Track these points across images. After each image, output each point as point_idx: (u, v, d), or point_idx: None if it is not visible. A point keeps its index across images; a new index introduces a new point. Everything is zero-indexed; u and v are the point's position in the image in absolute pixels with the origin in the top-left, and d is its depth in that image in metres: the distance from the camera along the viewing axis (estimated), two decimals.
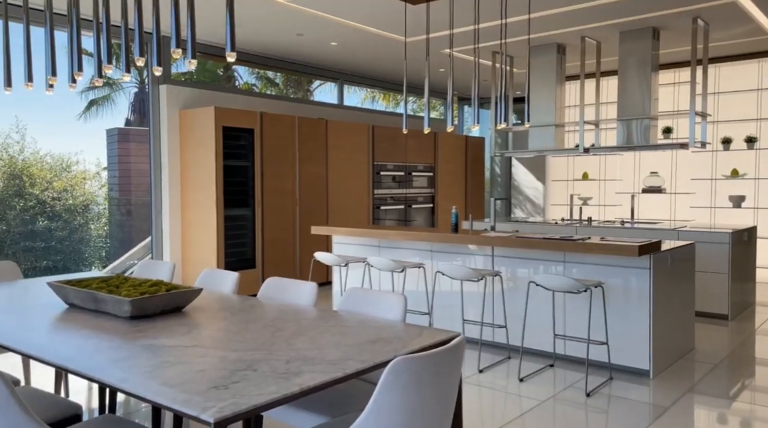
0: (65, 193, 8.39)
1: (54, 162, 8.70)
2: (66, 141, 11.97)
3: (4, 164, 8.10)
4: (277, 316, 2.53)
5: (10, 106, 11.69)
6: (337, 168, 7.10)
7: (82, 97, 13.10)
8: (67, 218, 8.31)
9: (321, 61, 7.40)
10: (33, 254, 7.82)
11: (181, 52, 2.23)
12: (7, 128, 8.36)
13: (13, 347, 2.10)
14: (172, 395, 1.58)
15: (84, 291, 2.57)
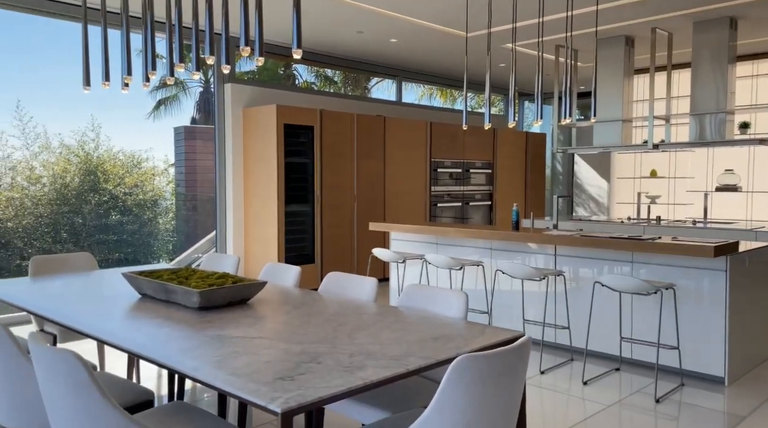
0: (136, 188, 8.80)
1: (126, 159, 9.14)
2: (136, 139, 12.53)
3: (81, 160, 8.57)
4: (339, 310, 2.55)
5: (86, 106, 12.36)
6: (394, 165, 7.11)
7: (151, 97, 13.70)
8: (137, 213, 8.72)
9: (380, 59, 7.42)
10: (106, 246, 8.25)
11: (249, 50, 2.28)
12: (83, 126, 8.84)
13: (92, 333, 2.21)
14: (241, 385, 1.62)
15: (156, 282, 2.68)
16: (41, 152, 8.53)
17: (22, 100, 8.69)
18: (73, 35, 11.29)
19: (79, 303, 2.74)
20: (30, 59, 11.02)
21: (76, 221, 8.11)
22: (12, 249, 7.56)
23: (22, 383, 2.01)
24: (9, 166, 8.26)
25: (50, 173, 8.41)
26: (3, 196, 7.80)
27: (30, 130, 8.38)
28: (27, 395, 2.02)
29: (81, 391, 1.66)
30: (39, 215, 7.91)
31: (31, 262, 3.61)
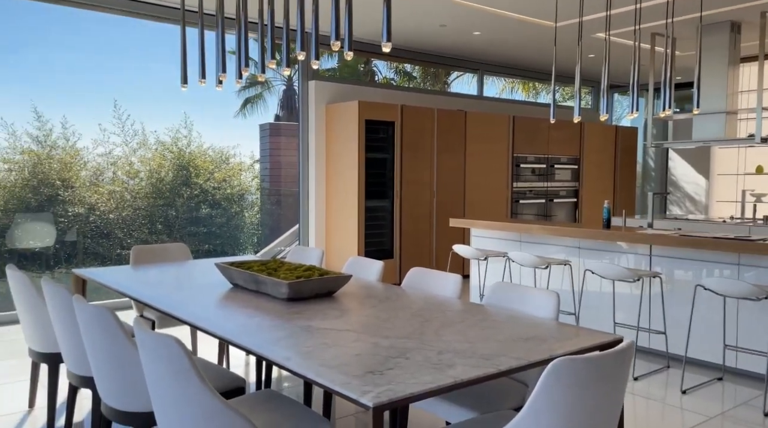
0: (224, 183, 9.20)
1: (215, 155, 9.57)
2: (225, 136, 13.13)
3: (174, 156, 9.07)
4: (424, 306, 2.52)
5: (180, 104, 13.06)
6: (475, 160, 6.98)
7: (238, 95, 14.29)
8: (225, 206, 9.12)
9: (461, 52, 7.31)
10: (197, 238, 8.69)
11: (339, 44, 2.29)
12: (177, 124, 9.35)
13: (189, 320, 2.31)
14: (332, 376, 1.62)
15: (246, 273, 2.77)
16: (139, 148, 9.11)
17: (120, 100, 9.31)
18: (164, 36, 11.96)
19: (176, 291, 2.88)
20: (128, 60, 11.80)
21: (169, 214, 8.60)
22: (113, 239, 8.12)
23: (128, 366, 2.13)
24: (110, 161, 8.87)
25: (147, 168, 8.96)
26: (105, 189, 8.39)
27: (128, 127, 8.96)
28: (132, 377, 2.14)
29: (181, 376, 1.73)
30: (137, 207, 8.45)
31: (132, 251, 3.84)
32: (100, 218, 8.05)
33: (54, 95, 10.42)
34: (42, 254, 7.49)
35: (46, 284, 2.59)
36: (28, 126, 8.34)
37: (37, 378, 3.08)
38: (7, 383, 3.47)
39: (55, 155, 8.30)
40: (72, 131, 8.61)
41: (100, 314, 2.15)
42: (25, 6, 11.30)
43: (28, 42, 10.64)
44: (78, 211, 7.90)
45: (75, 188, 8.11)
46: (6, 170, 8.18)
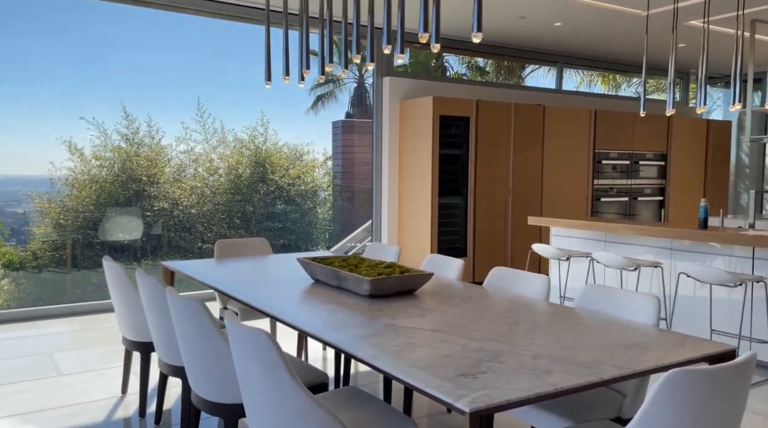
0: (298, 180, 9.39)
1: (289, 152, 9.79)
2: (298, 133, 13.42)
3: (251, 153, 9.34)
4: (510, 307, 2.43)
5: (257, 102, 13.45)
6: (553, 156, 6.74)
7: (311, 93, 14.55)
8: (299, 203, 9.31)
9: (540, 45, 7.06)
10: (272, 233, 8.92)
11: (427, 36, 2.24)
12: (254, 121, 9.63)
13: (275, 315, 2.33)
14: (423, 378, 1.57)
15: (328, 269, 2.77)
16: (218, 145, 9.45)
17: (201, 99, 9.69)
18: (241, 36, 12.33)
19: (260, 285, 2.93)
20: (208, 60, 12.27)
21: (247, 209, 8.87)
22: (194, 233, 8.47)
23: (217, 358, 2.18)
24: (192, 158, 9.26)
25: (226, 165, 9.28)
26: (187, 185, 8.76)
27: (209, 125, 9.32)
28: (221, 369, 2.18)
29: (271, 370, 1.74)
30: (216, 202, 8.78)
31: (216, 245, 3.96)
32: (183, 213, 8.42)
33: (140, 95, 10.98)
34: (130, 246, 7.92)
35: (140, 276, 2.69)
36: (117, 125, 8.83)
37: (130, 365, 3.23)
38: (102, 369, 3.66)
39: (141, 152, 8.75)
40: (156, 128, 9.05)
41: (191, 306, 2.20)
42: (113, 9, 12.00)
43: (117, 44, 11.27)
44: (162, 206, 8.30)
45: (160, 183, 8.51)
46: (98, 166, 8.71)
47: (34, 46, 10.35)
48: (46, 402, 3.11)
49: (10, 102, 9.88)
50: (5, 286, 7.22)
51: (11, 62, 10.38)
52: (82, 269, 7.53)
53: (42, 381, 3.40)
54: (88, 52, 10.57)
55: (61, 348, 4.05)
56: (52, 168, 8.27)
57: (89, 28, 10.76)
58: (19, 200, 9.10)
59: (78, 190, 8.32)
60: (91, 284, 7.33)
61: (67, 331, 4.55)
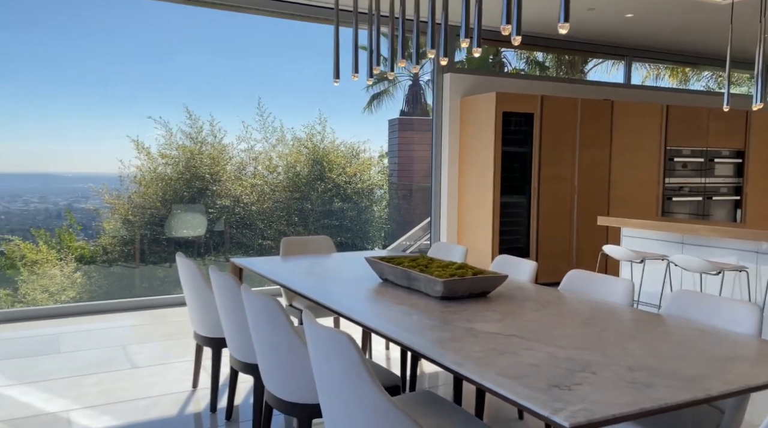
0: (355, 177, 9.41)
1: (346, 150, 9.83)
2: (354, 131, 13.47)
3: (309, 151, 9.43)
4: (592, 313, 2.30)
5: (315, 101, 13.58)
6: (621, 154, 6.46)
7: (367, 91, 14.59)
8: (356, 200, 9.33)
9: (608, 37, 6.79)
10: (329, 230, 8.98)
11: (510, 28, 2.14)
12: (312, 120, 9.72)
13: (347, 314, 2.30)
14: (514, 388, 1.49)
15: (399, 269, 2.72)
16: (277, 144, 9.60)
17: (262, 98, 9.85)
18: (303, 36, 12.46)
19: (328, 283, 2.91)
20: (269, 60, 12.47)
21: (305, 207, 8.96)
22: (254, 230, 8.64)
23: (293, 357, 2.16)
24: (252, 156, 9.43)
25: (285, 163, 9.41)
26: (248, 183, 8.93)
27: (269, 124, 9.47)
28: (296, 368, 2.16)
29: (351, 373, 1.70)
30: (276, 200, 8.91)
31: (282, 243, 3.98)
32: (244, 210, 8.59)
33: (203, 95, 11.29)
34: (194, 242, 8.15)
35: (213, 273, 2.72)
36: (181, 124, 9.10)
37: (200, 360, 3.28)
38: (172, 363, 3.74)
39: (204, 151, 8.98)
40: (218, 127, 9.27)
41: (267, 304, 2.19)
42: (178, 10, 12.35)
43: (181, 46, 11.63)
44: (225, 203, 8.49)
45: (222, 181, 8.72)
46: (163, 163, 9.00)
47: (105, 47, 10.80)
48: (121, 394, 3.20)
49: (84, 102, 10.35)
50: (78, 279, 7.57)
51: (85, 64, 10.88)
52: (149, 264, 7.81)
53: (117, 374, 3.50)
54: (156, 53, 10.94)
55: (133, 341, 4.18)
56: (121, 166, 8.61)
57: (156, 30, 11.13)
58: (87, 197, 9.53)
59: (145, 187, 8.62)
60: (158, 278, 7.58)
61: (137, 324, 4.70)
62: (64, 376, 3.42)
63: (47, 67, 10.56)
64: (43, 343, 4.07)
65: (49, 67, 10.56)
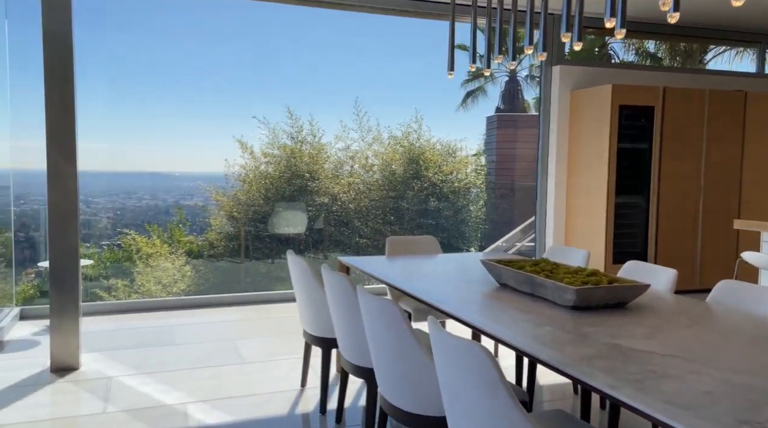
0: (451, 176, 9.21)
1: (442, 148, 9.65)
2: (449, 129, 13.27)
3: (405, 150, 9.35)
4: (757, 332, 1.98)
5: (410, 100, 13.52)
6: (756, 151, 5.80)
7: (461, 88, 14.32)
8: (452, 200, 9.12)
9: (740, 23, 6.12)
10: (425, 230, 8.84)
11: (614, 20, 1.90)
12: (408, 118, 9.64)
13: (469, 321, 2.13)
14: (691, 422, 1.26)
15: (521, 273, 2.52)
16: (373, 142, 9.60)
17: (360, 97, 9.89)
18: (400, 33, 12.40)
19: (439, 285, 2.76)
20: (366, 59, 12.55)
21: (401, 206, 8.88)
22: (351, 228, 8.68)
23: (413, 365, 2.03)
24: (349, 155, 9.50)
25: (380, 162, 9.39)
26: (345, 181, 9.00)
27: (365, 123, 9.50)
28: (416, 377, 2.03)
29: (487, 388, 1.53)
30: (372, 198, 8.91)
31: (387, 242, 3.88)
32: (341, 208, 8.65)
33: (303, 95, 11.55)
34: (294, 239, 8.32)
35: (326, 272, 2.65)
36: (283, 124, 9.33)
37: (309, 358, 3.25)
38: (280, 359, 3.75)
39: (304, 150, 9.15)
40: (317, 127, 9.41)
41: (385, 307, 2.08)
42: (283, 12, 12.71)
43: (284, 47, 11.96)
44: (323, 201, 8.60)
45: (320, 179, 8.84)
46: (266, 162, 9.27)
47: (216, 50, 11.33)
48: (231, 389, 3.24)
49: (194, 104, 10.92)
50: (188, 272, 7.95)
51: (197, 67, 11.46)
52: (252, 260, 8.06)
53: (227, 368, 3.56)
54: (261, 55, 11.34)
55: (241, 335, 4.25)
56: (226, 165, 8.96)
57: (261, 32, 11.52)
58: (192, 194, 10.02)
59: (248, 185, 8.93)
60: (260, 274, 7.80)
61: (244, 319, 4.80)
62: (180, 368, 3.52)
63: (159, 70, 11.25)
64: (159, 334, 4.24)
65: (161, 70, 11.23)
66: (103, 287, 7.47)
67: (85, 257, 6.18)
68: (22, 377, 3.29)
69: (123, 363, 3.57)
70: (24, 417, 2.81)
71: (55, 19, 3.30)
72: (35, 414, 2.85)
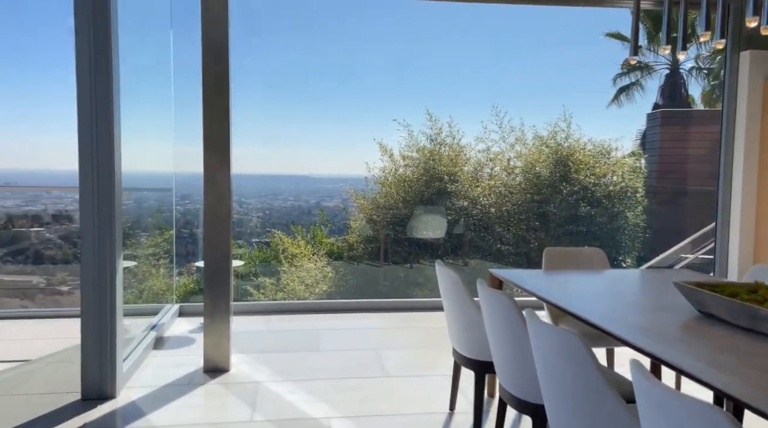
0: (604, 179, 8.41)
1: (594, 148, 8.86)
2: (601, 127, 12.25)
3: (551, 151, 8.71)
4: None
5: (558, 97, 12.73)
6: None
7: (614, 84, 13.18)
8: (606, 205, 8.32)
9: None
10: (573, 238, 8.14)
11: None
12: (555, 117, 8.98)
13: (672, 362, 1.69)
14: None
15: (736, 302, 2.00)
16: (516, 143, 9.08)
17: (500, 96, 9.43)
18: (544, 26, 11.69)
19: (616, 309, 2.32)
20: (507, 55, 12.01)
21: (547, 210, 8.28)
22: (492, 233, 8.26)
23: (607, 416, 1.65)
24: (489, 157, 9.09)
25: (523, 163, 8.85)
26: (485, 184, 8.60)
27: (506, 124, 9.02)
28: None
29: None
30: (514, 203, 8.41)
31: (544, 253, 3.47)
32: (482, 212, 8.27)
33: (443, 96, 11.34)
34: (432, 243, 8.10)
35: (484, 289, 2.34)
36: (422, 126, 9.17)
37: (458, 379, 2.96)
38: (425, 376, 3.51)
39: (443, 152, 8.91)
40: (457, 129, 9.13)
41: (567, 341, 1.72)
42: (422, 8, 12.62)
43: (425, 49, 11.84)
44: (462, 204, 8.28)
45: (459, 182, 8.53)
46: (404, 165, 9.18)
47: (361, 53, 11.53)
48: (377, 405, 3.05)
49: (335, 109, 11.21)
50: (329, 274, 8.08)
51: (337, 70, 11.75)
52: (390, 264, 7.98)
53: (371, 381, 3.39)
54: (400, 58, 11.33)
55: (384, 345, 4.08)
56: (367, 168, 9.00)
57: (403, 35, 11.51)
58: (331, 196, 10.24)
59: (387, 188, 8.89)
60: (398, 278, 7.69)
61: (386, 327, 4.64)
62: (324, 377, 3.42)
63: (300, 74, 11.68)
64: (303, 339, 4.22)
65: (302, 74, 11.63)
66: (252, 285, 7.83)
67: (237, 257, 6.50)
68: (178, 375, 3.39)
69: (270, 368, 3.55)
70: (176, 419, 2.84)
71: (214, 28, 3.36)
72: (186, 416, 2.88)
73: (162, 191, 5.08)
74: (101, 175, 2.93)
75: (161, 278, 5.11)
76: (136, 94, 3.75)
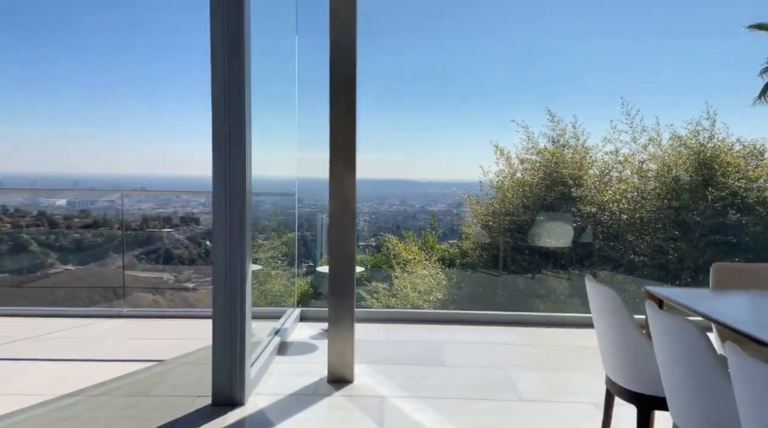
0: (758, 184, 7.40)
1: (743, 149, 7.86)
2: (750, 127, 10.94)
3: (692, 152, 7.83)
4: None
5: (700, 92, 11.58)
6: None
7: (762, 76, 11.72)
8: (761, 212, 7.30)
9: None
10: (720, 249, 7.22)
11: None
12: (697, 115, 8.08)
13: None
14: None
15: None
16: (648, 144, 8.28)
17: (630, 94, 8.66)
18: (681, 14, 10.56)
19: None
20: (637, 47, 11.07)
21: (688, 218, 7.43)
22: (623, 242, 7.55)
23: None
24: (618, 159, 8.36)
25: (658, 166, 8.04)
26: (615, 188, 7.90)
27: (637, 123, 8.24)
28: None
29: None
30: (648, 209, 7.64)
31: (712, 270, 2.99)
32: (611, 219, 7.60)
33: (566, 96, 10.69)
34: (556, 252, 7.56)
35: (659, 315, 1.97)
36: (542, 127, 8.65)
37: (611, 410, 2.59)
38: (565, 402, 3.16)
39: (566, 154, 8.33)
40: (582, 129, 8.50)
41: None
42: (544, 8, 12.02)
43: (543, 44, 11.24)
44: (589, 210, 7.66)
45: (585, 186, 7.92)
46: (522, 169, 8.71)
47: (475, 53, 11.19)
48: None
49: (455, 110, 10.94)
50: (442, 281, 7.81)
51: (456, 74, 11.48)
52: (511, 273, 7.55)
53: (505, 404, 3.09)
54: (520, 56, 10.86)
55: (514, 363, 3.76)
56: (481, 172, 8.65)
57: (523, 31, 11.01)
58: (436, 201, 9.97)
59: (503, 192, 8.47)
60: (518, 289, 7.25)
61: (513, 343, 4.31)
62: (453, 396, 3.17)
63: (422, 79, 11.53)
64: (426, 351, 4.00)
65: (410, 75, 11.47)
66: (366, 290, 7.77)
67: (358, 264, 6.44)
68: (303, 384, 3.30)
69: (393, 381, 3.37)
70: None
71: (342, 33, 3.25)
72: None
73: (284, 196, 5.12)
74: (233, 179, 2.90)
75: (283, 281, 5.14)
76: (263, 99, 3.76)
